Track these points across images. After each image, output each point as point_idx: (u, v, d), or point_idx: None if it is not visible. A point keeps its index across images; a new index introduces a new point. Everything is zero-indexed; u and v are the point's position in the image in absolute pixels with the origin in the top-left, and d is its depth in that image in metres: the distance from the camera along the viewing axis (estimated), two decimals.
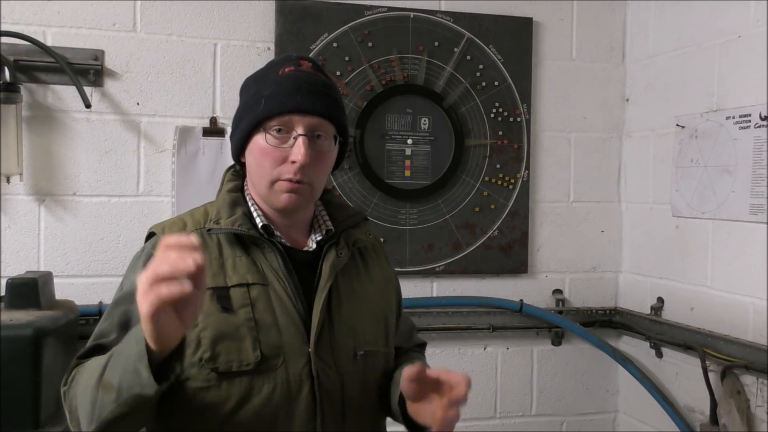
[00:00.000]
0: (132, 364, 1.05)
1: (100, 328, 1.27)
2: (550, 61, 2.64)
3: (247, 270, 1.29)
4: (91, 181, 2.25)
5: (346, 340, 1.33)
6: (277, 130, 1.29)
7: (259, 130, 1.30)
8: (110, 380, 1.10)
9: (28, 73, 2.19)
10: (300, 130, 1.28)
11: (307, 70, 1.34)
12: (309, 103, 1.29)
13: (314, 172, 1.31)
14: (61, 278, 2.18)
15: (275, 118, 1.29)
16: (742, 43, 2.16)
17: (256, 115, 1.30)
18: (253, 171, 1.34)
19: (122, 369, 1.08)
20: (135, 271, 1.28)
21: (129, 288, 1.26)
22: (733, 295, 2.18)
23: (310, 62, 1.36)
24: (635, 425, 2.65)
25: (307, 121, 1.29)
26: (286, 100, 1.28)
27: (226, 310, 1.25)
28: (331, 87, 1.36)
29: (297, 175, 1.28)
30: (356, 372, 1.33)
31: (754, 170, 2.10)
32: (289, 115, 1.28)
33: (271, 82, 1.32)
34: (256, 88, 1.33)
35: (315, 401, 1.27)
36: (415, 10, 2.49)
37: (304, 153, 1.27)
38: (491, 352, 2.61)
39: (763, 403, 2.06)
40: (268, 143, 1.29)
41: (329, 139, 1.33)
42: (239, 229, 1.30)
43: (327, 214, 1.43)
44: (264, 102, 1.29)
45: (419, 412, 1.27)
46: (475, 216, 2.55)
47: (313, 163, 1.29)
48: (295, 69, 1.32)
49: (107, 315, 1.29)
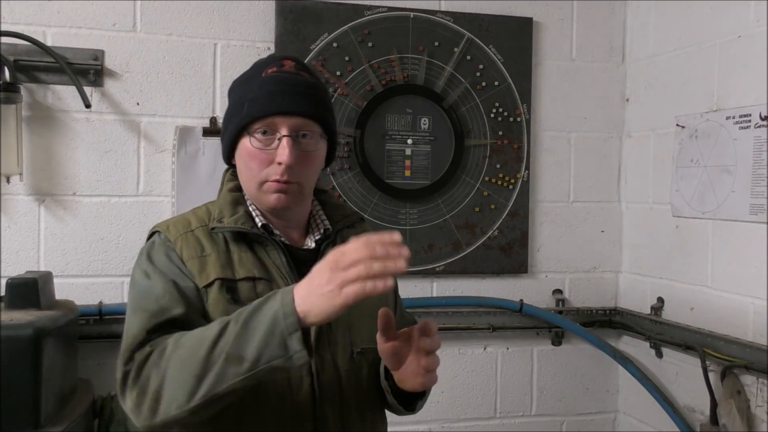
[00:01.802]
0: (278, 337, 1.08)
1: (159, 304, 1.24)
2: (550, 61, 2.64)
3: (253, 265, 1.31)
4: (91, 181, 2.25)
5: (343, 338, 1.34)
6: (262, 132, 1.30)
7: (244, 134, 1.32)
8: (238, 352, 1.11)
9: (28, 73, 2.19)
10: (284, 131, 1.30)
11: (290, 70, 1.35)
12: (292, 104, 1.30)
13: (302, 171, 1.32)
14: (61, 278, 2.18)
15: (258, 121, 1.30)
16: (742, 43, 2.16)
17: (241, 119, 1.32)
18: (242, 173, 1.36)
19: (261, 341, 1.09)
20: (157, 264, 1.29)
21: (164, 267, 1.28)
22: (733, 295, 2.18)
23: (293, 62, 1.37)
24: (635, 425, 2.65)
25: (291, 122, 1.30)
26: (269, 103, 1.30)
27: (234, 301, 1.26)
28: (315, 86, 1.36)
29: (284, 176, 1.30)
30: (354, 369, 1.34)
31: (754, 170, 2.10)
32: (272, 117, 1.30)
33: (254, 85, 1.33)
34: (242, 91, 1.35)
35: (315, 398, 1.28)
36: (415, 10, 2.49)
37: (289, 154, 1.28)
38: (491, 352, 2.61)
39: (763, 403, 2.06)
40: (253, 146, 1.31)
41: (315, 137, 1.34)
42: (243, 227, 1.32)
43: (324, 214, 1.45)
44: (247, 106, 1.31)
45: (404, 378, 1.27)
46: (475, 216, 2.55)
47: (299, 163, 1.30)
48: (277, 70, 1.34)
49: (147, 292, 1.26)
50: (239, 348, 1.11)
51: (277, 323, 1.09)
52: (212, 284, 1.27)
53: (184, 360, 1.14)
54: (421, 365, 1.24)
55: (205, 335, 1.15)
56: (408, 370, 1.26)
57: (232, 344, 1.11)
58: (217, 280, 1.27)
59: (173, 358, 1.16)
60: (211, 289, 1.26)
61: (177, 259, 1.30)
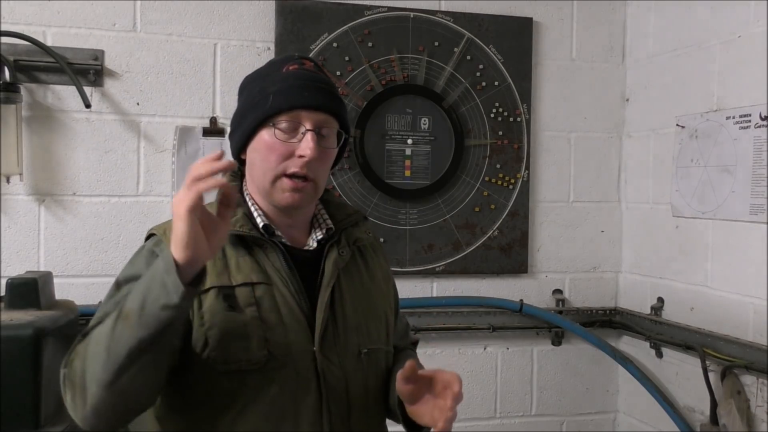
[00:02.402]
0: (158, 279, 1.08)
1: (104, 309, 1.25)
2: (550, 61, 2.64)
3: (251, 270, 1.29)
4: (91, 181, 2.25)
5: (350, 338, 1.34)
6: (286, 125, 1.30)
7: (265, 126, 1.31)
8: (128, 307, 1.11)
9: (28, 73, 2.19)
10: (308, 126, 1.30)
11: (311, 68, 1.36)
12: (316, 99, 1.31)
13: (319, 168, 1.32)
14: (61, 278, 2.18)
15: (284, 114, 1.29)
16: (742, 43, 2.16)
17: (264, 111, 1.30)
18: (256, 167, 1.34)
19: (145, 288, 1.10)
20: (134, 266, 1.29)
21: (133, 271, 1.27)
22: (733, 295, 2.18)
23: (312, 62, 1.39)
24: (635, 425, 2.65)
25: (315, 117, 1.30)
26: (295, 96, 1.30)
27: (232, 309, 1.25)
28: (334, 86, 1.39)
29: (303, 170, 1.29)
30: (360, 370, 1.34)
31: (754, 170, 2.10)
32: (298, 111, 1.29)
33: (276, 79, 1.33)
34: (261, 85, 1.34)
35: (321, 399, 1.28)
36: (415, 10, 2.49)
37: (313, 148, 1.28)
38: (491, 352, 2.61)
39: (763, 403, 2.06)
40: (276, 138, 1.29)
41: (334, 136, 1.35)
42: (240, 230, 1.30)
43: (327, 213, 1.44)
44: (272, 98, 1.30)
45: (417, 413, 1.28)
46: (475, 216, 2.55)
47: (318, 159, 1.30)
48: (299, 67, 1.34)
49: (109, 296, 1.27)
50: (129, 303, 1.12)
51: (156, 270, 1.10)
52: (207, 291, 1.25)
53: (98, 338, 1.15)
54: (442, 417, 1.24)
55: (110, 320, 1.14)
56: (422, 409, 1.27)
57: (126, 304, 1.12)
58: (212, 289, 1.25)
59: (92, 340, 1.16)
60: (206, 296, 1.25)
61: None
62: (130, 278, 1.26)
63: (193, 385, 1.25)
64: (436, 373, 1.26)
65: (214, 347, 1.23)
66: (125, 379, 1.11)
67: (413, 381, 1.25)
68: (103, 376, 1.12)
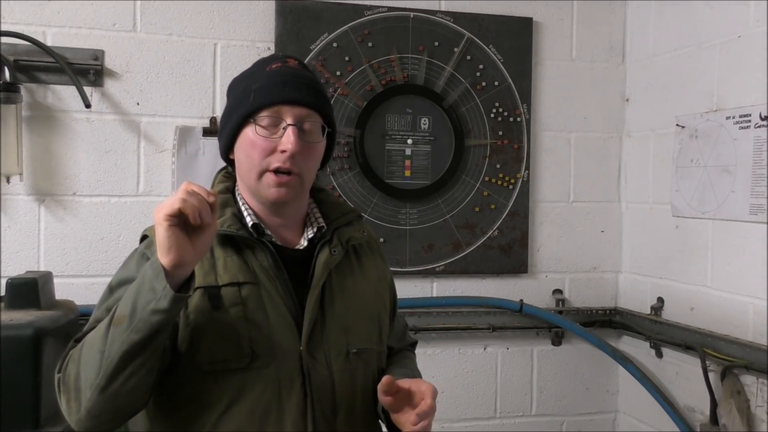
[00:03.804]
0: (147, 284, 1.10)
1: (96, 315, 1.28)
2: (550, 61, 2.64)
3: (238, 269, 1.29)
4: (91, 181, 2.25)
5: (338, 338, 1.33)
6: (267, 121, 1.30)
7: (248, 123, 1.32)
8: (122, 313, 1.13)
9: (28, 73, 2.19)
10: (289, 120, 1.30)
11: (294, 66, 1.37)
12: (297, 94, 1.31)
13: (303, 162, 1.32)
14: (61, 278, 2.18)
15: (265, 110, 1.30)
16: (742, 43, 2.16)
17: (246, 108, 1.32)
18: (242, 165, 1.35)
19: (135, 293, 1.12)
20: (127, 269, 1.31)
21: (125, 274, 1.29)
22: (733, 295, 2.18)
23: (296, 60, 1.40)
24: (635, 425, 2.65)
25: (296, 112, 1.31)
26: (275, 92, 1.31)
27: (217, 309, 1.25)
28: (318, 82, 1.39)
29: (287, 164, 1.29)
30: (349, 370, 1.33)
31: (754, 170, 2.10)
32: (279, 106, 1.30)
33: (259, 77, 1.34)
34: (245, 84, 1.36)
35: (306, 399, 1.27)
36: (415, 10, 2.49)
37: (294, 141, 1.28)
38: (491, 352, 2.61)
39: (763, 403, 2.06)
40: (258, 134, 1.30)
41: (317, 130, 1.35)
42: (228, 230, 1.30)
43: (319, 212, 1.44)
44: (253, 95, 1.31)
45: (399, 422, 1.31)
46: (475, 216, 2.55)
47: (302, 153, 1.30)
48: (282, 65, 1.36)
49: (102, 300, 1.30)
50: (120, 308, 1.14)
51: (146, 274, 1.12)
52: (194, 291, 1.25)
53: (91, 343, 1.16)
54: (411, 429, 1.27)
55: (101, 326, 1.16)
56: (404, 417, 1.29)
57: (118, 309, 1.14)
58: (198, 289, 1.25)
59: (86, 345, 1.18)
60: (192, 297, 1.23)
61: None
62: (122, 282, 1.28)
63: (179, 384, 1.25)
64: (412, 384, 1.29)
65: (199, 347, 1.23)
66: (119, 382, 1.13)
67: (392, 393, 1.27)
68: (97, 380, 1.13)
